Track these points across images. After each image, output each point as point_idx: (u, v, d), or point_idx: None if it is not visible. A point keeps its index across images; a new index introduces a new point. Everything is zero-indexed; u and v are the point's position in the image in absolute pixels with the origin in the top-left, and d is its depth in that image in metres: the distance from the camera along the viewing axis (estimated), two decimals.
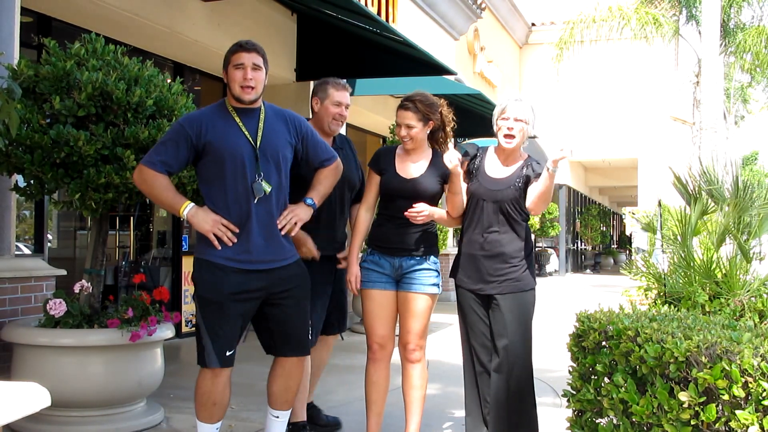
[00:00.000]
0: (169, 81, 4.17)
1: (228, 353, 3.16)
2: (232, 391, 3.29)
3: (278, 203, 3.25)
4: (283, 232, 3.23)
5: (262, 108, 3.30)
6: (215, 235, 3.11)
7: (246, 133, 3.19)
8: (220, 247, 3.12)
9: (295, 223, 3.27)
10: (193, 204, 3.15)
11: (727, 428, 2.20)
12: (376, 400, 3.70)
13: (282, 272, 3.24)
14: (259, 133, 3.22)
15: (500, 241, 3.49)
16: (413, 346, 3.67)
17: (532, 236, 3.57)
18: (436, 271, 3.69)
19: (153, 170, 3.14)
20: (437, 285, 3.69)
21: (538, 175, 3.45)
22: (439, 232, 8.65)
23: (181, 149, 3.16)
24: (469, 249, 3.58)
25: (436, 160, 3.68)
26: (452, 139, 3.96)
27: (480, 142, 12.49)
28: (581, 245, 27.49)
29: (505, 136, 3.51)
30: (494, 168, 3.58)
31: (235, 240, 3.14)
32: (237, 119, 3.21)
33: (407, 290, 3.65)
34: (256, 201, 3.16)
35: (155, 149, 3.20)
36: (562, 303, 11.75)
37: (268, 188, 3.16)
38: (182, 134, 3.16)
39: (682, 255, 4.21)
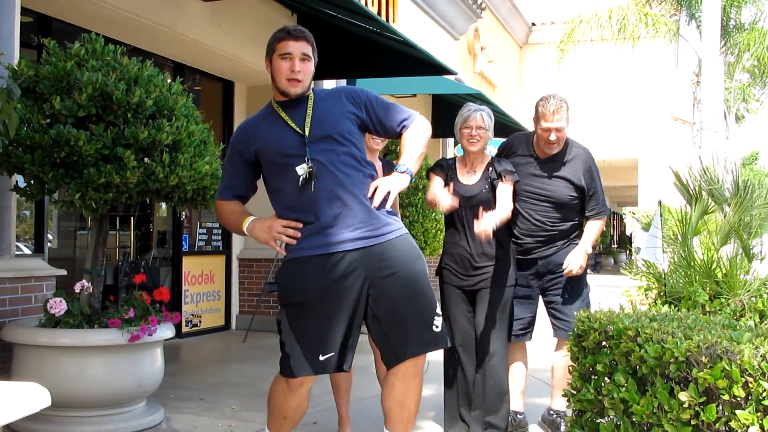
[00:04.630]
0: (169, 81, 4.17)
1: (322, 357, 2.81)
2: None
3: (351, 178, 2.90)
4: (375, 205, 2.87)
5: (311, 95, 3.00)
6: (276, 239, 2.92)
7: (293, 125, 2.93)
8: (284, 252, 2.93)
9: (388, 193, 2.89)
10: (252, 218, 2.97)
11: (727, 428, 2.20)
12: None
13: (378, 249, 2.86)
14: (308, 120, 2.93)
15: (483, 242, 3.76)
16: None
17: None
18: None
19: (220, 200, 3.10)
20: None
21: (500, 176, 3.79)
22: (439, 233, 8.69)
23: (239, 167, 3.03)
24: (455, 249, 3.89)
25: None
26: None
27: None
28: None
29: (470, 142, 3.83)
30: (464, 175, 3.92)
31: (299, 235, 2.87)
32: (283, 114, 2.97)
33: None
34: (305, 184, 2.85)
35: (221, 177, 3.16)
36: None
37: (309, 169, 2.84)
38: (234, 152, 3.03)
39: (683, 255, 4.21)
